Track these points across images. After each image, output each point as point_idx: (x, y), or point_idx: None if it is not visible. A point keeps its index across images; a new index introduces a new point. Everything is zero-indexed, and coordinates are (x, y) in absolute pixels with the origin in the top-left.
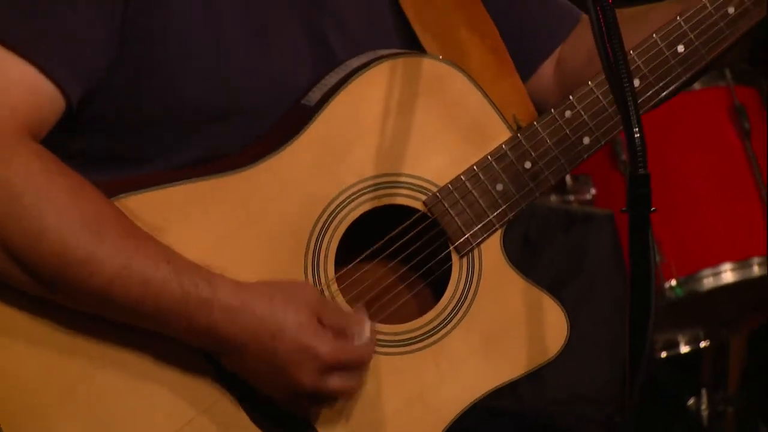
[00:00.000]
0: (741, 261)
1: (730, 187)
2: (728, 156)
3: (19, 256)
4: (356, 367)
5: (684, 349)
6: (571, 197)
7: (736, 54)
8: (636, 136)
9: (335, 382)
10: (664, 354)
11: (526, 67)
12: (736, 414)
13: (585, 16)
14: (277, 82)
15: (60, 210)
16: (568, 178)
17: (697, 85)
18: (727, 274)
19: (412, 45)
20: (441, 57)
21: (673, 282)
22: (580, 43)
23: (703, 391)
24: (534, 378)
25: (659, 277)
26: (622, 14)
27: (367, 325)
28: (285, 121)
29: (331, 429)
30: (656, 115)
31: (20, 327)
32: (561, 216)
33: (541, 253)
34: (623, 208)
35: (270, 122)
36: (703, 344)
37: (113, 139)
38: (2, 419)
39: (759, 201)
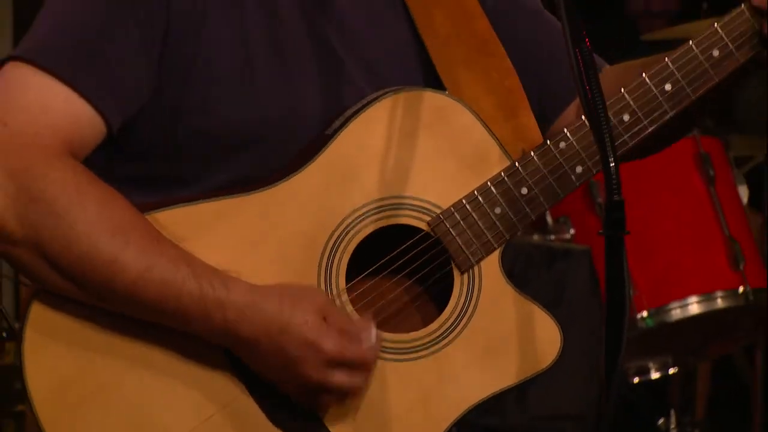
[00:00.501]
0: (706, 294)
1: (697, 228)
2: (695, 199)
3: (53, 258)
4: (360, 366)
5: (654, 374)
6: (552, 236)
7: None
8: (611, 165)
9: (339, 377)
10: (636, 379)
11: (552, 111)
12: None
13: (607, 67)
14: (297, 112)
15: (89, 217)
16: (549, 219)
17: None
18: (693, 306)
19: (432, 81)
20: (446, 92)
21: (645, 313)
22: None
23: (672, 413)
24: (519, 397)
25: (632, 309)
26: (619, 66)
27: (373, 331)
28: (306, 148)
29: (341, 428)
30: (631, 162)
31: (58, 328)
32: (543, 252)
33: (525, 285)
34: (600, 231)
35: (293, 148)
36: (671, 371)
37: (150, 163)
38: (42, 413)
39: (722, 241)
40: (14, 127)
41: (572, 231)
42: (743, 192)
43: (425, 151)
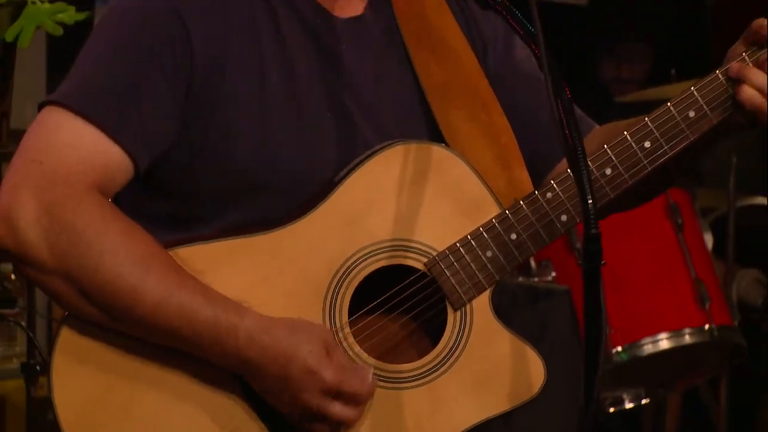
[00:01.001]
0: (675, 331)
1: (667, 271)
2: (665, 245)
3: (81, 285)
4: (355, 400)
5: (628, 405)
6: (536, 278)
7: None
8: (589, 202)
9: (336, 408)
10: (612, 409)
11: (543, 166)
12: None
13: (597, 127)
14: (309, 161)
15: (114, 248)
16: (532, 262)
17: None
18: (663, 342)
19: (434, 134)
20: (444, 145)
21: (619, 348)
22: (588, 147)
23: None
24: (505, 425)
25: (607, 344)
26: (607, 126)
27: (371, 371)
28: (315, 193)
29: None
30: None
31: (84, 351)
32: (527, 291)
33: (510, 322)
34: (579, 263)
35: (304, 193)
36: (644, 401)
37: (172, 202)
38: (68, 429)
39: (690, 282)
40: (48, 166)
41: (553, 273)
42: (708, 239)
43: (424, 198)
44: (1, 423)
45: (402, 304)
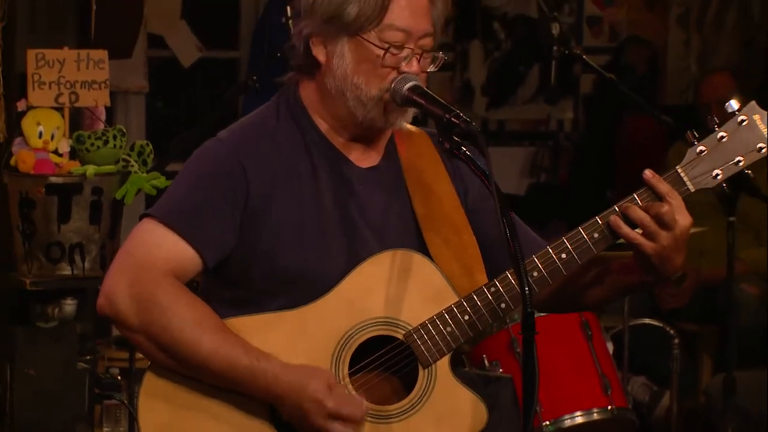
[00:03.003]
0: (587, 410)
1: (581, 367)
2: (579, 349)
3: (156, 340)
4: (351, 420)
5: None
6: (487, 371)
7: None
8: (527, 291)
9: (336, 426)
10: None
11: (497, 273)
12: None
13: (546, 248)
14: (328, 264)
15: (179, 314)
16: (486, 361)
17: None
18: (578, 418)
19: (420, 245)
20: (419, 253)
21: (547, 422)
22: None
23: None
24: None
25: (538, 419)
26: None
27: (363, 402)
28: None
29: None
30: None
31: (161, 389)
32: (481, 378)
33: None
34: (519, 332)
35: (325, 286)
36: None
37: (234, 291)
38: None
39: (597, 376)
40: (138, 258)
41: (500, 369)
42: (609, 347)
43: (403, 289)
44: None
45: (386, 362)
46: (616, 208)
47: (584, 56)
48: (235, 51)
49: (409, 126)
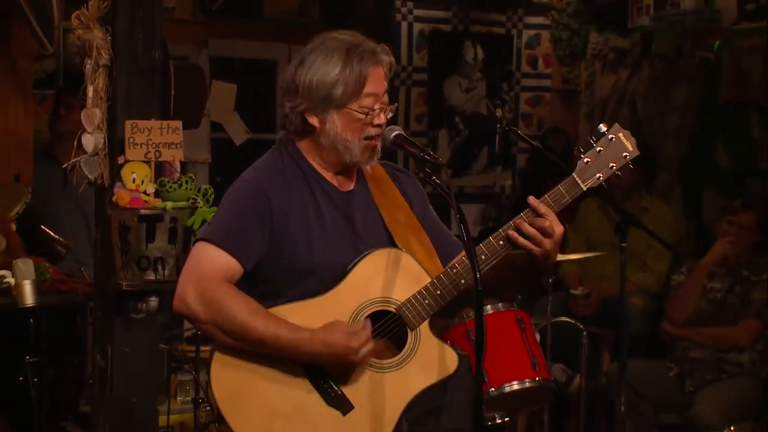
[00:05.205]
0: (521, 380)
1: (516, 350)
2: (514, 338)
3: (222, 327)
4: (369, 344)
5: (498, 420)
6: None
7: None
8: (478, 276)
9: (363, 352)
10: (489, 423)
11: (447, 259)
12: None
13: (461, 253)
14: (333, 261)
15: (237, 307)
16: (448, 345)
17: (502, 307)
18: (515, 386)
19: (390, 242)
20: (403, 249)
21: (492, 389)
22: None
23: None
24: (436, 415)
25: (486, 387)
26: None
27: (369, 327)
28: (337, 276)
29: (356, 401)
30: (487, 318)
31: (227, 362)
32: None
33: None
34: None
35: (331, 278)
36: (507, 419)
37: (263, 286)
38: (222, 407)
39: (528, 356)
40: (199, 272)
41: (460, 351)
42: (537, 337)
43: (393, 276)
44: None
45: (384, 329)
46: (512, 224)
47: (518, 131)
48: (273, 134)
49: None
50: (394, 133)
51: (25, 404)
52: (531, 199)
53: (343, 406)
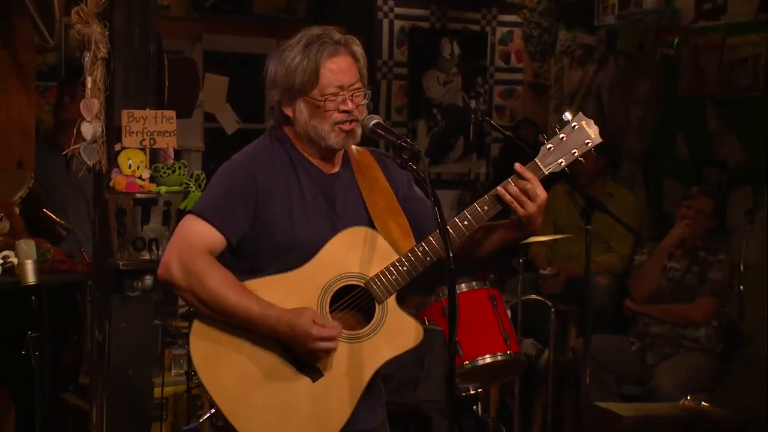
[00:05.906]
0: (493, 353)
1: (490, 327)
2: (487, 315)
3: (199, 296)
4: (331, 339)
5: (471, 391)
6: (426, 326)
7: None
8: (450, 256)
9: (320, 344)
10: (464, 393)
11: (422, 236)
12: (494, 421)
13: (454, 219)
14: (313, 237)
15: (213, 278)
16: (426, 321)
17: (475, 285)
18: (487, 359)
19: (371, 223)
20: (372, 228)
21: (466, 362)
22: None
23: (479, 407)
24: (413, 388)
25: (460, 360)
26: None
27: (339, 327)
28: (313, 252)
29: (327, 370)
30: (461, 297)
31: (204, 330)
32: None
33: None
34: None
35: (309, 253)
36: (480, 390)
37: (246, 260)
38: (198, 368)
39: (500, 332)
40: (185, 242)
41: (435, 325)
42: (509, 314)
43: (362, 252)
44: (174, 408)
45: (353, 302)
46: (498, 188)
47: (492, 122)
48: (262, 123)
49: (356, 147)
50: (373, 122)
51: (28, 377)
52: (517, 165)
53: (313, 373)
